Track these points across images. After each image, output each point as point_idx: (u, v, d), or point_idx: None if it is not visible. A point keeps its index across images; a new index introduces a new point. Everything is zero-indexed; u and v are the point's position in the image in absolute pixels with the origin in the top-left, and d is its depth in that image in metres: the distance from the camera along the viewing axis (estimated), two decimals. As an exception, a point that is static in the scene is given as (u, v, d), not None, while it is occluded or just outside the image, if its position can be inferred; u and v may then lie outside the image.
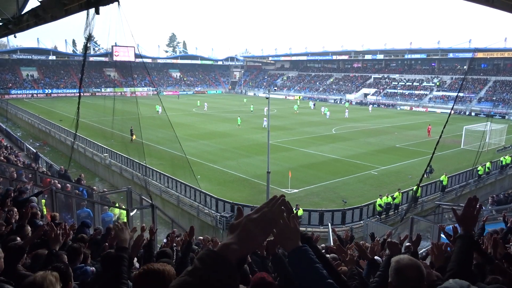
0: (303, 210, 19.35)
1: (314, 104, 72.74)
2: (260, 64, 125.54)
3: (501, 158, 29.74)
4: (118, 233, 3.00)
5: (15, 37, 15.37)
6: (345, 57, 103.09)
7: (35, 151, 31.70)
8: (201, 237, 10.28)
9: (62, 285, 2.95)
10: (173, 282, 1.26)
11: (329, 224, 18.74)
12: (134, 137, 35.41)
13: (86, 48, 12.96)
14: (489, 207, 19.21)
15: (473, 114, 64.19)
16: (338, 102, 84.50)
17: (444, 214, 16.99)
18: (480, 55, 75.96)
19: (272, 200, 1.48)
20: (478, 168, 26.47)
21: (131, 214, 12.70)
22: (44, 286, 2.31)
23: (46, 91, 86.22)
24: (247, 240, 1.34)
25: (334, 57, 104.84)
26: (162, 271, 2.20)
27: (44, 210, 10.28)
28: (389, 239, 4.31)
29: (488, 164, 27.65)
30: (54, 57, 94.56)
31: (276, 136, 38.51)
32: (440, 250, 4.06)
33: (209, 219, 20.85)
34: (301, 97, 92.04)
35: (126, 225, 3.16)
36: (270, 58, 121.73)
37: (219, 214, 20.23)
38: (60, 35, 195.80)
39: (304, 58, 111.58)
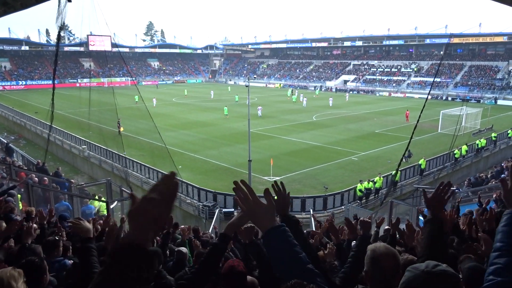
0: (285, 197, 19.47)
1: (292, 91, 72.73)
2: (240, 52, 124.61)
3: (477, 141, 30.54)
4: (77, 227, 2.94)
5: (-17, 26, 14.80)
6: (325, 44, 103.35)
7: (5, 141, 30.83)
8: (183, 226, 10.23)
9: (36, 278, 2.88)
10: (89, 285, 1.18)
11: (311, 210, 18.97)
12: (122, 129, 34.89)
13: (59, 37, 12.54)
14: (465, 189, 19.75)
15: (449, 98, 65.50)
16: (318, 89, 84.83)
17: (422, 197, 17.40)
18: (456, 40, 77.33)
19: (165, 177, 1.39)
20: (455, 152, 27.12)
21: (112, 206, 12.56)
22: (4, 280, 2.23)
23: (20, 82, 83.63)
24: (151, 221, 1.28)
25: (314, 44, 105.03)
26: None
27: (20, 205, 10.03)
28: (362, 218, 4.34)
29: (464, 147, 28.34)
30: (27, 48, 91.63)
31: (257, 124, 38.48)
32: (411, 230, 4.12)
33: (191, 208, 20.79)
34: (281, 85, 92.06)
35: (81, 218, 3.11)
36: (250, 46, 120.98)
37: (201, 204, 20.20)
38: (33, 24, 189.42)
39: (284, 45, 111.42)
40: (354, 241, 4.78)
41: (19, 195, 10.81)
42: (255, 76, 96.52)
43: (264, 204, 1.77)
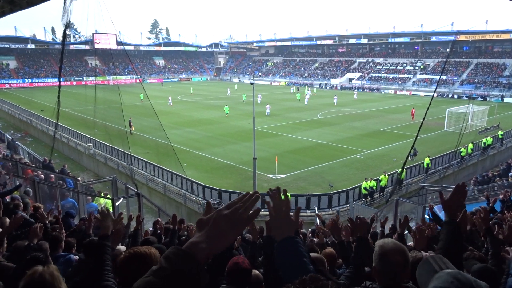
0: (291, 195, 19.44)
1: (298, 89, 72.47)
2: (245, 50, 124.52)
3: (483, 140, 30.31)
4: (101, 220, 2.94)
5: (-10, 24, 14.90)
6: (330, 41, 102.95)
7: (10, 137, 31.13)
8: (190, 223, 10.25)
9: None
10: (136, 282, 1.17)
11: (316, 208, 18.93)
12: (133, 128, 34.90)
13: (64, 35, 12.60)
14: (472, 187, 19.64)
15: (455, 96, 65.05)
16: (323, 87, 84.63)
17: (428, 196, 17.31)
18: (462, 37, 76.70)
19: (245, 196, 1.38)
20: (461, 150, 26.95)
21: (117, 203, 12.59)
22: (55, 275, 2.21)
23: (26, 80, 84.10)
24: (217, 237, 1.26)
25: (319, 42, 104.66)
26: (149, 254, 2.17)
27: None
28: (357, 216, 4.34)
29: (470, 146, 28.14)
30: (33, 46, 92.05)
31: (262, 122, 38.47)
32: (422, 234, 4.07)
33: (196, 206, 20.83)
34: (286, 83, 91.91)
35: (110, 212, 3.10)
36: (255, 44, 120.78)
37: (206, 201, 20.19)
38: (39, 22, 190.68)
39: (289, 43, 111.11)
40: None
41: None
42: (260, 74, 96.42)
43: (292, 219, 1.87)
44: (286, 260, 1.83)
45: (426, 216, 11.61)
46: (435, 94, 28.39)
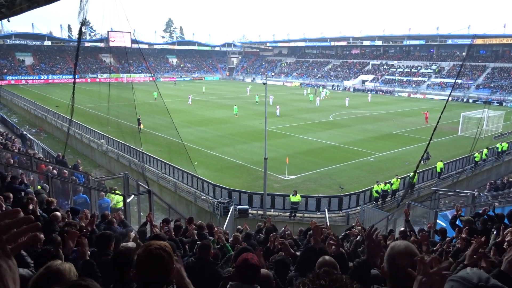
0: (301, 196, 19.42)
1: (316, 91, 72.15)
2: (258, 50, 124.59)
3: (498, 145, 29.79)
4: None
5: (8, 21, 15.12)
6: (344, 43, 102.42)
7: (21, 130, 31.63)
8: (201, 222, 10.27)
9: None
10: None
11: (326, 210, 18.84)
12: (142, 126, 35.18)
13: (80, 32, 12.74)
14: (486, 193, 19.34)
15: (470, 101, 64.12)
16: (336, 88, 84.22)
17: (440, 200, 17.09)
18: (479, 41, 75.50)
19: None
20: (475, 155, 26.55)
21: (128, 200, 12.69)
22: (66, 272, 2.25)
23: (42, 77, 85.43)
24: None
25: (332, 43, 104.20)
26: (164, 247, 2.19)
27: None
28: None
29: (485, 151, 27.70)
30: (49, 43, 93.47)
31: (273, 123, 38.43)
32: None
33: (206, 205, 20.90)
34: (300, 84, 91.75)
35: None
36: (268, 44, 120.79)
37: (216, 200, 20.27)
38: (55, 20, 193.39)
39: (302, 44, 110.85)
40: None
41: (39, 186, 11.06)
42: (272, 74, 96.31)
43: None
44: None
45: (439, 221, 11.47)
46: (450, 98, 28.00)
